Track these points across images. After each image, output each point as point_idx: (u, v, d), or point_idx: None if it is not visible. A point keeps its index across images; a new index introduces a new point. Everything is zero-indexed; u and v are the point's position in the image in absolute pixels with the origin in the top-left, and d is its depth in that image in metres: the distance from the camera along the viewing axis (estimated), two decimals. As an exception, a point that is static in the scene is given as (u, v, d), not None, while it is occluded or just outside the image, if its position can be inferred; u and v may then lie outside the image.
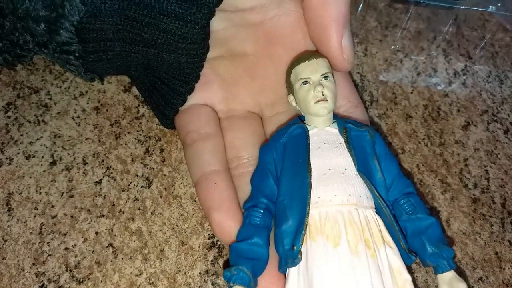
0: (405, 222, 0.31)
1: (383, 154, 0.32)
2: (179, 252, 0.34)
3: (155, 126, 0.39)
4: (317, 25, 0.33)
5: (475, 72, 0.47)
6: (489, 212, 0.39)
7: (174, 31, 0.31)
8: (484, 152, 0.42)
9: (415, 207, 0.31)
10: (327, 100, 0.32)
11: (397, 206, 0.31)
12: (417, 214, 0.31)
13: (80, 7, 0.29)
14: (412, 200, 0.31)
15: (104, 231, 0.35)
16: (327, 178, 0.30)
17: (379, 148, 0.33)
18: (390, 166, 0.32)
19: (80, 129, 0.38)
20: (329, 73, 0.33)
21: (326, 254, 0.27)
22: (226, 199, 0.31)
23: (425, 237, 0.30)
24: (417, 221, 0.31)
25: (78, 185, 0.36)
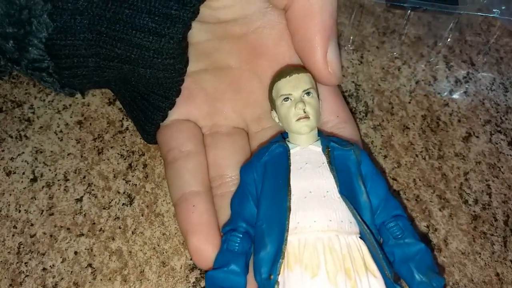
0: (393, 247, 0.29)
1: (369, 174, 0.31)
2: (160, 273, 0.33)
3: (138, 141, 0.38)
4: (300, 38, 0.31)
5: (478, 80, 0.44)
6: (491, 230, 0.37)
7: (148, 46, 0.29)
8: (486, 165, 0.40)
9: (403, 231, 0.29)
10: (309, 117, 0.30)
11: (384, 230, 0.30)
12: (406, 239, 0.29)
13: (48, 23, 0.28)
14: (400, 223, 0.29)
15: (83, 251, 0.34)
16: (307, 201, 0.28)
17: (366, 167, 0.31)
18: (377, 187, 0.31)
19: (63, 144, 0.38)
20: (311, 89, 0.31)
21: (303, 285, 0.26)
22: (204, 223, 0.30)
23: (413, 264, 0.28)
24: (405, 246, 0.29)
25: (58, 203, 0.35)
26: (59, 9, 0.28)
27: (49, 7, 0.27)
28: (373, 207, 0.30)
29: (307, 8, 0.30)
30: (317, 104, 0.31)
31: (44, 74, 0.30)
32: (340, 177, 0.29)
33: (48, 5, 0.27)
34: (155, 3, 0.28)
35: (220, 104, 0.35)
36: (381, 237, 0.30)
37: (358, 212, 0.28)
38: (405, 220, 0.30)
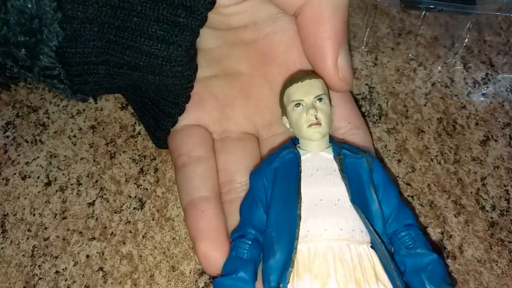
0: (404, 257, 0.28)
1: (381, 183, 0.30)
2: (169, 278, 0.33)
3: (150, 145, 0.38)
4: (311, 44, 0.31)
5: (497, 81, 0.43)
6: (509, 237, 0.36)
7: (156, 53, 0.29)
8: (505, 170, 0.39)
9: (415, 241, 0.29)
10: (321, 124, 0.30)
11: (396, 239, 0.29)
12: (417, 249, 0.28)
13: (59, 31, 0.28)
14: (412, 233, 0.29)
15: (95, 254, 0.34)
16: (317, 209, 0.28)
17: (378, 175, 0.30)
18: (389, 195, 0.30)
19: (76, 149, 0.38)
20: (323, 95, 0.30)
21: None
22: (213, 229, 0.30)
23: (425, 275, 0.27)
24: (417, 256, 0.28)
25: (71, 207, 0.36)
26: (69, 17, 0.28)
27: (59, 16, 0.28)
28: (385, 216, 0.29)
29: (317, 14, 0.30)
30: (329, 111, 0.31)
31: (55, 81, 0.31)
32: (352, 185, 0.28)
33: (58, 14, 0.28)
34: (163, 11, 0.28)
35: (230, 109, 0.35)
36: (392, 246, 0.30)
37: (369, 221, 0.28)
38: (417, 229, 0.29)
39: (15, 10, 0.28)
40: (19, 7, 0.27)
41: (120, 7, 0.28)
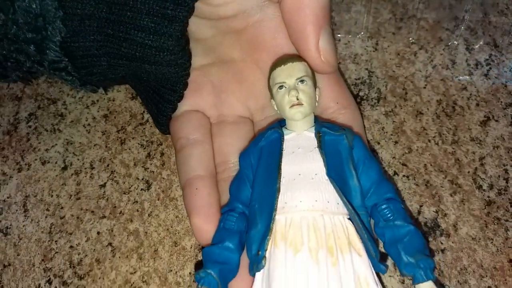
0: (383, 229, 0.30)
1: (362, 159, 0.31)
2: (172, 252, 0.36)
3: (157, 132, 0.41)
4: (294, 29, 0.32)
5: (501, 62, 0.43)
6: (505, 215, 0.36)
7: (149, 44, 0.32)
8: (505, 149, 0.39)
9: (394, 214, 0.30)
10: (303, 104, 0.31)
11: (376, 212, 0.30)
12: (396, 221, 0.29)
13: (61, 28, 0.31)
14: (391, 206, 0.30)
15: (105, 231, 0.37)
16: (295, 183, 0.29)
17: (358, 152, 0.31)
18: (369, 170, 0.31)
19: (90, 136, 0.41)
20: (305, 77, 0.32)
21: (286, 260, 0.27)
22: (205, 205, 0.32)
23: (401, 246, 0.29)
24: (395, 228, 0.29)
25: (85, 188, 0.39)
26: (69, 15, 0.31)
27: (61, 13, 0.31)
28: (365, 189, 0.30)
29: (298, 0, 0.31)
30: (312, 92, 0.32)
31: (63, 73, 0.34)
32: (329, 160, 0.30)
33: (59, 12, 0.31)
34: (153, 5, 0.31)
35: (225, 95, 0.37)
36: (372, 219, 0.31)
37: (346, 194, 0.29)
38: (397, 203, 0.30)
39: (21, 11, 0.31)
40: (25, 7, 0.31)
41: (115, 3, 0.31)
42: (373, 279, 0.28)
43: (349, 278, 0.27)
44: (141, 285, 0.35)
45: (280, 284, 0.26)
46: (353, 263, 0.27)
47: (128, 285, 0.35)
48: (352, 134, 0.32)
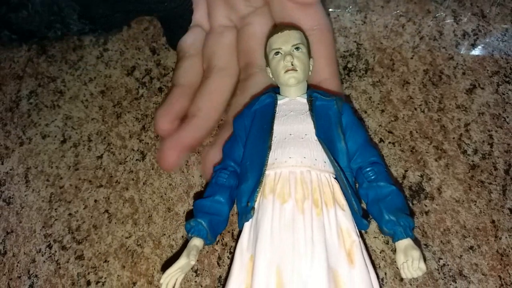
0: (366, 189, 0.31)
1: (349, 124, 0.33)
2: (165, 218, 0.37)
3: (151, 106, 0.42)
4: None
5: (488, 32, 0.43)
6: (489, 179, 0.37)
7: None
8: (490, 116, 0.39)
9: (377, 175, 0.31)
10: (297, 70, 0.33)
11: (360, 174, 0.31)
12: (379, 182, 0.31)
13: (75, 6, 0.38)
14: (375, 169, 0.31)
15: (101, 199, 0.39)
16: (286, 142, 0.31)
17: (347, 118, 0.33)
18: (356, 135, 0.32)
19: (88, 111, 0.43)
20: (300, 44, 0.33)
21: (273, 209, 0.28)
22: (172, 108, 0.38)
23: (383, 204, 0.30)
24: (377, 188, 0.30)
25: (83, 160, 0.41)
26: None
27: None
28: (351, 152, 0.32)
29: None
30: (306, 59, 0.34)
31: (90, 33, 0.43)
32: (319, 123, 0.31)
33: None
34: None
35: (212, 9, 0.42)
36: (357, 181, 0.32)
37: (333, 155, 0.30)
38: (381, 166, 0.32)
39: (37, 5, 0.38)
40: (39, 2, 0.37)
41: None
42: (355, 231, 0.29)
43: (333, 229, 0.28)
44: (135, 248, 0.37)
45: (267, 231, 0.28)
46: (336, 216, 0.29)
47: (124, 249, 0.37)
48: (342, 101, 0.33)
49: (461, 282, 0.33)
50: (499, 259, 0.34)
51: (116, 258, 0.36)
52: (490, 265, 0.34)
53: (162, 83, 0.43)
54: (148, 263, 0.36)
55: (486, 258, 0.34)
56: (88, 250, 0.37)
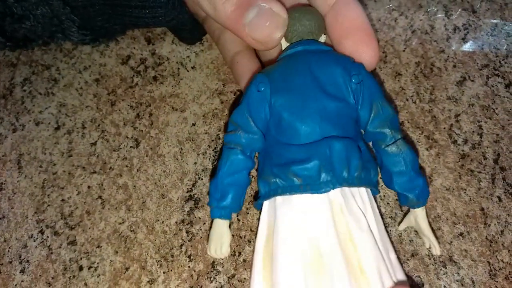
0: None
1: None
2: (159, 204, 0.38)
3: (146, 94, 0.43)
4: None
5: (478, 26, 0.44)
6: (479, 168, 0.38)
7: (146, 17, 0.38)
8: (480, 107, 0.40)
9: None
10: None
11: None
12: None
13: (74, 19, 0.37)
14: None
15: (95, 185, 0.39)
16: None
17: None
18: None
19: (82, 98, 0.43)
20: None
21: None
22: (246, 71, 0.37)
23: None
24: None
25: (76, 146, 0.41)
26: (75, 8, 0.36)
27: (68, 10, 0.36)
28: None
29: None
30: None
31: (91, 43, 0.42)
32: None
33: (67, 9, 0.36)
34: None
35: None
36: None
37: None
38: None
39: (38, 17, 0.37)
40: (40, 13, 0.36)
41: None
42: None
43: None
44: (129, 234, 0.37)
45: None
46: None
47: (117, 234, 0.37)
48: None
49: (451, 267, 0.34)
50: (488, 246, 0.35)
51: (109, 244, 0.36)
52: (479, 251, 0.34)
53: (157, 72, 0.44)
54: (141, 249, 0.36)
55: (475, 244, 0.35)
56: (81, 236, 0.37)
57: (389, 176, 0.31)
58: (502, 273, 0.34)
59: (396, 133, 0.31)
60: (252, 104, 0.31)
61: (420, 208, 0.32)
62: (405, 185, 0.31)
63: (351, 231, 0.28)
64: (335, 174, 0.28)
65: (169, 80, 0.43)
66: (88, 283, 0.35)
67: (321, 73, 0.30)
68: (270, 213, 0.30)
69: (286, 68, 0.31)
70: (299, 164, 0.28)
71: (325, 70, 0.30)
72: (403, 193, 0.31)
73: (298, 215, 0.28)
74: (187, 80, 0.43)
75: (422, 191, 0.31)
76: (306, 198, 0.29)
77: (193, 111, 0.41)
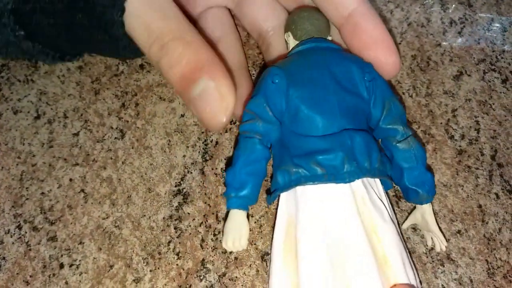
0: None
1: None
2: (145, 198, 0.36)
3: (132, 82, 0.40)
4: None
5: (474, 21, 0.43)
6: (476, 164, 0.37)
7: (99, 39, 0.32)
8: (477, 102, 0.39)
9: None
10: None
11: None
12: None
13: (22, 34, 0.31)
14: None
15: (77, 178, 0.37)
16: None
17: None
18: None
19: (64, 86, 0.41)
20: None
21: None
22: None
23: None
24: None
25: (57, 137, 0.38)
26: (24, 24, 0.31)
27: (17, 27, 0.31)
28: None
29: None
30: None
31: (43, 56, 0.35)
32: None
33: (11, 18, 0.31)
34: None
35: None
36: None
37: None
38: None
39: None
40: None
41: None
42: None
43: None
44: (113, 230, 0.35)
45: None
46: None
47: (100, 230, 0.35)
48: None
49: (449, 266, 0.33)
50: (486, 243, 0.34)
51: (92, 240, 0.34)
52: (477, 249, 0.34)
53: (144, 60, 0.41)
54: (126, 245, 0.34)
55: (473, 242, 0.34)
56: (62, 231, 0.35)
57: (399, 171, 0.31)
58: (500, 272, 0.33)
59: (407, 130, 0.31)
60: (270, 94, 0.30)
61: (427, 204, 0.32)
62: (415, 180, 0.31)
63: (374, 221, 0.28)
64: (358, 164, 0.28)
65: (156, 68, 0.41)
66: (69, 282, 0.33)
67: (338, 69, 0.31)
68: (289, 205, 0.30)
69: (302, 62, 0.31)
70: (322, 154, 0.28)
71: (341, 66, 0.31)
72: (413, 188, 0.31)
73: (322, 205, 0.28)
74: (176, 69, 0.41)
75: (432, 186, 0.31)
76: (329, 188, 0.28)
77: (181, 101, 0.39)
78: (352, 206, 0.28)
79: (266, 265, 0.33)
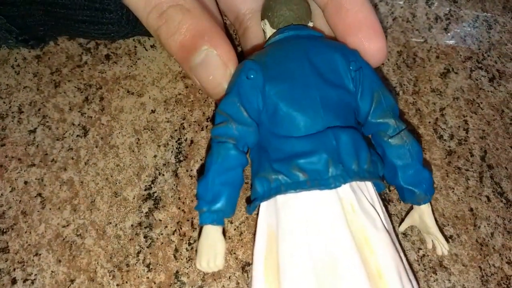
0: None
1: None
2: (111, 204, 0.32)
3: (96, 74, 0.37)
4: None
5: (460, 17, 0.42)
6: (466, 165, 0.35)
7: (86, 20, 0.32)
8: (465, 101, 0.38)
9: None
10: None
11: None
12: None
13: None
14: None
15: (33, 181, 0.32)
16: None
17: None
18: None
19: (19, 78, 0.36)
20: None
21: None
22: None
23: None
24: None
25: (11, 134, 0.34)
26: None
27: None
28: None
29: None
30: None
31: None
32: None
33: None
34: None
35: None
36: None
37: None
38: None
39: None
40: None
41: None
42: None
43: None
44: (75, 239, 0.31)
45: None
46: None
47: (60, 239, 0.31)
48: None
49: (441, 273, 0.31)
50: (478, 249, 0.32)
51: (50, 251, 0.30)
52: (470, 256, 0.32)
53: (110, 50, 0.38)
54: (90, 257, 0.30)
55: (466, 248, 0.32)
56: (15, 242, 0.31)
57: (393, 170, 0.28)
58: (494, 279, 0.31)
59: (400, 123, 0.28)
60: (243, 92, 0.27)
61: (425, 205, 0.29)
62: (411, 179, 0.28)
63: (366, 231, 0.25)
64: (345, 167, 0.25)
65: (124, 59, 0.37)
66: (22, 299, 0.29)
67: (319, 60, 0.27)
68: (269, 216, 0.26)
69: (279, 54, 0.28)
70: (304, 157, 0.25)
71: (323, 56, 0.27)
72: (409, 188, 0.28)
73: (306, 215, 0.24)
74: (145, 60, 0.37)
75: (430, 185, 0.28)
76: (313, 196, 0.25)
77: (152, 96, 0.36)
78: (339, 215, 0.25)
79: (248, 277, 0.30)
